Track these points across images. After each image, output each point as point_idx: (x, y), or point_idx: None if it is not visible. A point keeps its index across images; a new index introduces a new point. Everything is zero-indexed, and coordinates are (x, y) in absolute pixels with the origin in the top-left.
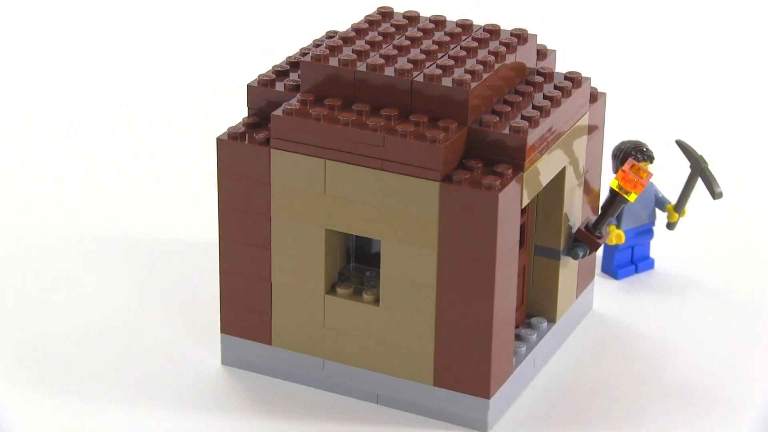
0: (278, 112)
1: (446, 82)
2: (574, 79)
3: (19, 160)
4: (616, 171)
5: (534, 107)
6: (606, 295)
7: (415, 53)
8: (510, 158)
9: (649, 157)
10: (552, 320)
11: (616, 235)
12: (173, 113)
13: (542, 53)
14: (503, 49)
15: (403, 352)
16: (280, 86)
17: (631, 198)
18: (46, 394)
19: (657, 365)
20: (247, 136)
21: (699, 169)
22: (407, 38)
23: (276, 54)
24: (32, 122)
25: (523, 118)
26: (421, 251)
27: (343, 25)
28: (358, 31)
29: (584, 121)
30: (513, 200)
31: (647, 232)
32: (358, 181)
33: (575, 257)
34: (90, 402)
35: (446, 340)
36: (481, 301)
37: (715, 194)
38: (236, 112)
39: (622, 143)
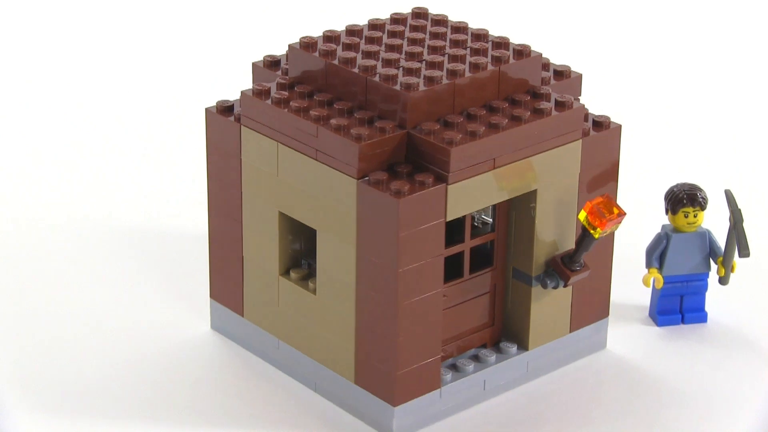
0: (248, 90)
1: (397, 84)
2: (563, 103)
3: (15, 156)
4: (666, 213)
5: (491, 124)
6: (632, 338)
7: (394, 54)
8: (438, 169)
9: (700, 205)
10: (524, 347)
11: (648, 277)
12: (171, 104)
13: (566, 74)
14: (484, 60)
15: (333, 345)
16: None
17: (596, 234)
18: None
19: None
20: (233, 110)
21: (733, 223)
22: (406, 39)
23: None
24: (29, 118)
25: (467, 132)
26: (344, 247)
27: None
28: (372, 26)
29: (572, 148)
30: (426, 210)
31: (700, 282)
32: (300, 167)
33: (544, 286)
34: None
35: (363, 341)
36: (386, 306)
37: (741, 253)
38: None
39: (676, 186)
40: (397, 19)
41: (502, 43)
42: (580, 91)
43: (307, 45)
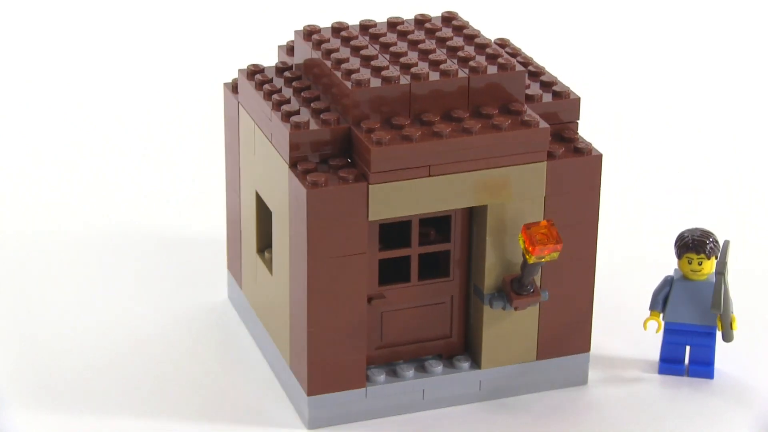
0: (244, 69)
1: (350, 80)
2: (528, 123)
3: (15, 156)
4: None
5: (435, 132)
6: (622, 379)
7: (373, 51)
8: (364, 167)
9: (705, 253)
10: (478, 365)
11: (648, 321)
12: (171, 104)
13: (564, 95)
14: (454, 68)
15: (280, 327)
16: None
17: (530, 259)
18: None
19: None
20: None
21: (717, 273)
22: (407, 40)
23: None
24: (29, 118)
25: (402, 135)
26: (284, 232)
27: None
28: (389, 24)
29: (534, 169)
30: (344, 206)
31: (708, 334)
32: (264, 149)
33: (492, 306)
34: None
35: (293, 326)
36: (301, 296)
37: (712, 306)
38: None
39: (688, 230)
40: (420, 21)
41: (495, 55)
42: (578, 115)
43: (308, 33)
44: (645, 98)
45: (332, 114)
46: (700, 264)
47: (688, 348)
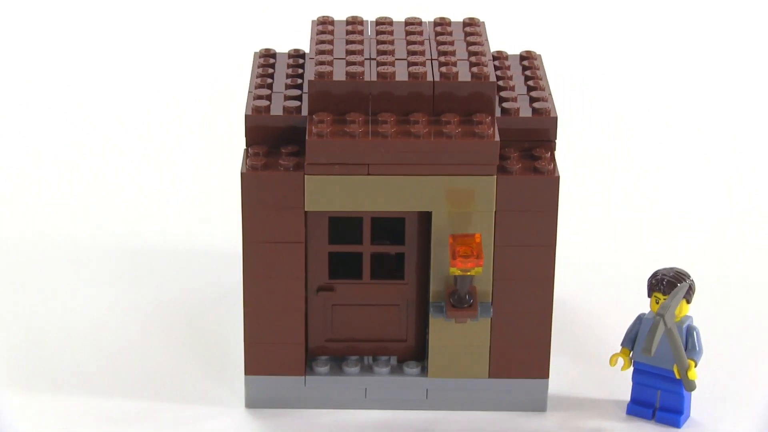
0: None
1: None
2: (478, 135)
3: (15, 156)
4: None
5: (378, 132)
6: (581, 412)
7: (359, 47)
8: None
9: (662, 292)
10: (425, 372)
11: (615, 357)
12: (171, 104)
13: (544, 113)
14: (423, 71)
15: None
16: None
17: (451, 269)
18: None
19: None
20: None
21: (657, 315)
22: (404, 39)
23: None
24: (29, 118)
25: (344, 131)
26: None
27: None
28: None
29: (482, 181)
30: (280, 193)
31: (677, 381)
32: None
33: (432, 315)
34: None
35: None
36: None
37: (643, 349)
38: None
39: (664, 268)
40: (438, 23)
41: (477, 63)
42: (554, 135)
43: (321, 23)
44: (645, 98)
45: (294, 102)
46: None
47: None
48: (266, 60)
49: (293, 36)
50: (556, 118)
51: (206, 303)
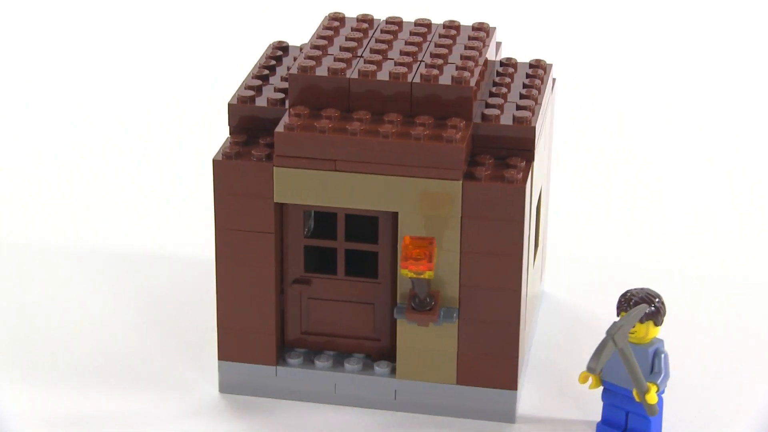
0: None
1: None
2: (444, 138)
3: (15, 156)
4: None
5: (347, 129)
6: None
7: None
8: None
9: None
10: (395, 373)
11: (585, 376)
12: (171, 104)
13: (525, 121)
14: (404, 71)
15: None
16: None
17: (402, 271)
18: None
19: None
20: None
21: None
22: (402, 39)
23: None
24: (29, 118)
25: (314, 126)
26: None
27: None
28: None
29: (447, 185)
30: (250, 182)
31: (640, 404)
32: None
33: (395, 316)
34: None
35: None
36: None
37: (588, 366)
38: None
39: (636, 288)
40: (447, 26)
41: (463, 68)
42: (532, 144)
43: (332, 18)
44: (647, 97)
45: (278, 95)
46: (633, 327)
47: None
48: (274, 52)
49: (307, 32)
50: (534, 128)
51: (206, 302)
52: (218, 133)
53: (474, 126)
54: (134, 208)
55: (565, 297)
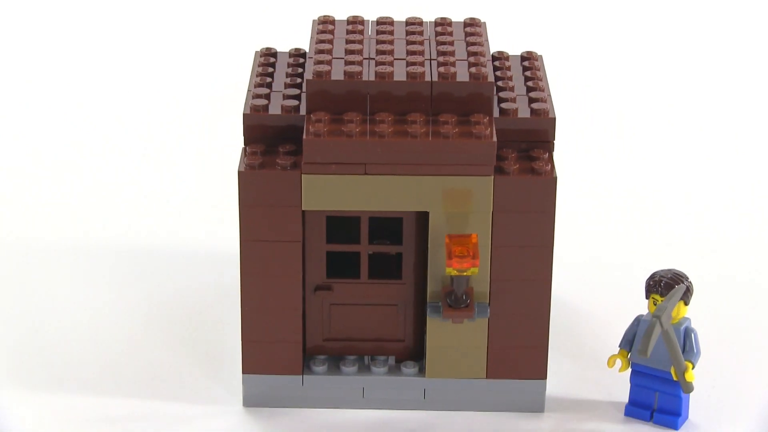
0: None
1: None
2: (474, 135)
3: (15, 156)
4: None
5: (375, 131)
6: (579, 414)
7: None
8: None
9: (660, 294)
10: (423, 372)
11: (613, 359)
12: (171, 104)
13: (543, 113)
14: (421, 71)
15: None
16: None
17: (446, 269)
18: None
19: None
20: None
21: (653, 316)
22: (404, 39)
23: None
24: (29, 118)
25: (341, 131)
26: None
27: None
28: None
29: (480, 182)
30: (277, 191)
31: (675, 383)
32: None
33: (428, 315)
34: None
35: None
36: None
37: (638, 350)
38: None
39: (662, 270)
40: (439, 23)
41: (476, 64)
42: (553, 135)
43: (322, 22)
44: (647, 97)
45: (292, 101)
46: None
47: (657, 394)
48: (266, 59)
49: (295, 35)
50: (554, 119)
51: (206, 302)
52: (218, 133)
53: (495, 121)
54: (134, 208)
55: (565, 297)
